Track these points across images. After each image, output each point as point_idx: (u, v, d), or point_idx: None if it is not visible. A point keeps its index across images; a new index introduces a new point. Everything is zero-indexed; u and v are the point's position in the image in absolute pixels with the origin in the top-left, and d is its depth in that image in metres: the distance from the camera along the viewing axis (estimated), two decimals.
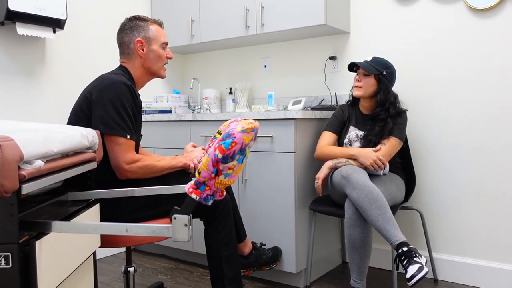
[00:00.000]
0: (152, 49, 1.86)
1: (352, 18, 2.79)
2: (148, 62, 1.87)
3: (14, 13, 2.28)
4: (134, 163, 1.68)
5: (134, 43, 1.84)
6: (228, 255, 1.83)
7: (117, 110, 1.66)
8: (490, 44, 2.34)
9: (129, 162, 1.67)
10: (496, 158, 2.33)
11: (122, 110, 1.67)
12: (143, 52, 1.85)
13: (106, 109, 1.65)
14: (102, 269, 2.75)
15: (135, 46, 1.84)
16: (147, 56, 1.86)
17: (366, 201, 1.95)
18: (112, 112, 1.65)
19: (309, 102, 2.95)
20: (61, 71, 2.79)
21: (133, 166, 1.68)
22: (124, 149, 1.67)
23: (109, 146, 1.67)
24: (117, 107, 1.66)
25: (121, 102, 1.67)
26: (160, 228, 1.10)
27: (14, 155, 0.94)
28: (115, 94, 1.67)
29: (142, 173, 1.72)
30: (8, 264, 0.98)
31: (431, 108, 2.52)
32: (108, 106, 1.65)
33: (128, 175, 1.70)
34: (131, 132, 1.70)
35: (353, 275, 2.04)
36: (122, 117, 1.66)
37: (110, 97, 1.66)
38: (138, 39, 1.84)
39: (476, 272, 2.39)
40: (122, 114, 1.67)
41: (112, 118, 1.65)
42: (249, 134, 1.15)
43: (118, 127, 1.65)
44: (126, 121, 1.68)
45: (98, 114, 1.66)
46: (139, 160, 1.70)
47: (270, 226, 2.39)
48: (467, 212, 2.42)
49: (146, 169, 1.72)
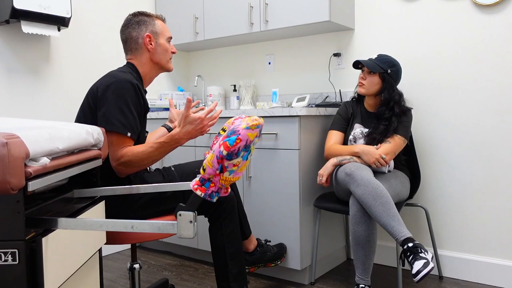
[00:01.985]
0: (160, 43, 1.86)
1: (357, 15, 2.78)
2: (156, 56, 1.87)
3: (19, 11, 2.29)
4: (118, 159, 1.64)
5: (143, 38, 1.83)
6: (232, 252, 1.84)
7: (119, 107, 1.65)
8: (496, 40, 2.32)
9: (115, 159, 1.65)
10: (501, 155, 2.32)
11: (125, 107, 1.66)
12: (152, 46, 1.84)
13: (109, 106, 1.65)
14: (108, 266, 2.76)
15: (144, 41, 1.83)
16: (155, 51, 1.86)
17: (370, 198, 1.95)
18: (115, 109, 1.65)
19: (314, 99, 2.95)
20: (66, 69, 2.80)
21: (119, 163, 1.64)
22: (115, 147, 1.64)
23: (108, 143, 1.66)
24: (119, 104, 1.65)
25: (125, 100, 1.66)
26: (165, 225, 1.11)
27: (21, 152, 0.94)
28: (119, 92, 1.66)
29: (130, 167, 1.66)
30: (15, 261, 0.99)
31: (437, 105, 2.51)
32: (111, 103, 1.65)
33: (119, 172, 1.67)
34: (133, 130, 1.68)
35: (358, 272, 2.04)
36: (124, 114, 1.65)
37: (114, 95, 1.66)
38: (147, 33, 1.83)
39: (481, 268, 2.38)
40: (125, 111, 1.66)
41: (113, 115, 1.64)
42: (253, 130, 1.15)
43: (118, 123, 1.64)
44: (128, 118, 1.66)
45: (101, 110, 1.66)
46: (122, 156, 1.64)
47: (274, 223, 2.40)
48: (472, 208, 2.42)
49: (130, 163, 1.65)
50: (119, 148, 1.65)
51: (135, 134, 1.69)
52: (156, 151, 1.68)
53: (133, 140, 1.69)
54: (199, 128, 1.70)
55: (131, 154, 1.64)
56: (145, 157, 1.66)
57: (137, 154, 1.65)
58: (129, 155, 1.64)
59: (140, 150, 1.66)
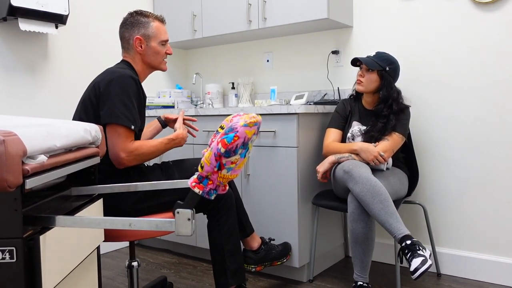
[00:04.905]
0: (151, 46, 1.89)
1: (355, 12, 2.78)
2: (147, 58, 1.91)
3: (16, 8, 2.28)
4: (132, 152, 1.71)
5: (133, 40, 1.88)
6: (230, 248, 1.84)
7: (123, 101, 1.70)
8: (494, 37, 2.33)
9: (127, 151, 1.70)
10: (500, 152, 2.32)
11: (129, 101, 1.71)
12: (141, 49, 1.88)
13: (113, 100, 1.69)
14: (106, 264, 2.76)
15: (134, 43, 1.87)
16: (146, 53, 1.89)
17: (368, 195, 1.95)
18: (119, 103, 1.69)
19: (312, 97, 2.95)
20: (63, 66, 2.79)
21: (131, 155, 1.71)
22: (124, 138, 1.70)
23: (109, 135, 1.70)
24: (123, 98, 1.70)
25: (128, 94, 1.71)
26: (163, 222, 1.11)
27: (18, 150, 0.94)
28: (123, 87, 1.71)
29: (140, 160, 1.76)
30: (13, 259, 0.99)
31: (435, 102, 2.51)
32: (115, 97, 1.69)
33: (126, 164, 1.72)
34: (135, 123, 1.73)
35: (356, 269, 2.04)
36: (128, 108, 1.70)
37: (117, 89, 1.70)
38: (137, 36, 1.87)
39: (479, 266, 2.39)
40: (129, 105, 1.71)
41: (118, 109, 1.69)
42: (251, 128, 1.15)
43: (123, 116, 1.69)
44: (132, 112, 1.71)
45: (106, 106, 1.70)
46: (136, 149, 1.73)
47: (273, 220, 2.40)
48: (470, 206, 2.42)
49: (143, 156, 1.76)
50: (129, 140, 1.71)
51: (137, 128, 1.75)
52: (164, 146, 1.81)
53: (135, 133, 1.75)
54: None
55: (146, 148, 1.75)
56: (155, 150, 1.79)
57: (150, 148, 1.77)
58: (144, 149, 1.75)
59: (153, 145, 1.79)
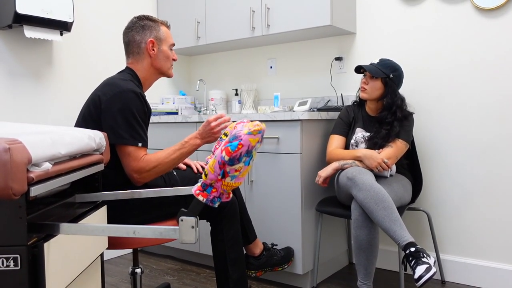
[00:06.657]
0: (162, 50, 1.86)
1: (358, 19, 2.79)
2: (157, 63, 1.86)
3: (21, 16, 2.30)
4: (142, 172, 1.67)
5: (146, 43, 1.82)
6: (233, 257, 1.83)
7: (126, 119, 1.65)
8: (497, 44, 2.32)
9: (137, 171, 1.66)
10: (504, 159, 2.31)
11: (132, 118, 1.66)
12: (154, 52, 1.83)
13: (115, 118, 1.64)
14: (110, 270, 2.76)
15: (147, 46, 1.82)
16: (157, 57, 1.85)
17: (372, 202, 1.94)
18: (121, 121, 1.64)
19: (315, 103, 2.95)
20: (68, 73, 2.80)
21: (143, 174, 1.67)
22: (132, 158, 1.66)
23: (119, 156, 1.68)
24: (126, 116, 1.65)
25: (130, 111, 1.66)
26: (167, 230, 1.10)
27: (23, 157, 0.94)
28: (124, 103, 1.66)
29: (155, 173, 1.71)
30: (17, 266, 0.99)
31: (439, 108, 2.51)
32: (117, 115, 1.64)
33: (141, 182, 1.69)
34: (142, 139, 1.69)
35: (360, 276, 2.03)
36: (132, 126, 1.65)
37: (119, 106, 1.65)
38: (150, 39, 1.82)
39: (484, 273, 2.37)
40: (132, 122, 1.66)
41: (121, 128, 1.64)
42: (255, 136, 1.15)
43: (128, 135, 1.64)
44: (136, 130, 1.67)
45: (108, 124, 1.65)
46: (147, 164, 1.67)
47: (276, 227, 2.39)
48: (474, 213, 2.41)
49: (157, 169, 1.70)
50: (138, 158, 1.66)
51: (146, 142, 1.71)
52: (176, 152, 1.74)
53: (146, 148, 1.71)
54: (208, 130, 1.78)
55: (154, 160, 1.69)
56: (169, 160, 1.72)
57: (160, 158, 1.70)
58: (153, 161, 1.68)
59: (164, 155, 1.72)
